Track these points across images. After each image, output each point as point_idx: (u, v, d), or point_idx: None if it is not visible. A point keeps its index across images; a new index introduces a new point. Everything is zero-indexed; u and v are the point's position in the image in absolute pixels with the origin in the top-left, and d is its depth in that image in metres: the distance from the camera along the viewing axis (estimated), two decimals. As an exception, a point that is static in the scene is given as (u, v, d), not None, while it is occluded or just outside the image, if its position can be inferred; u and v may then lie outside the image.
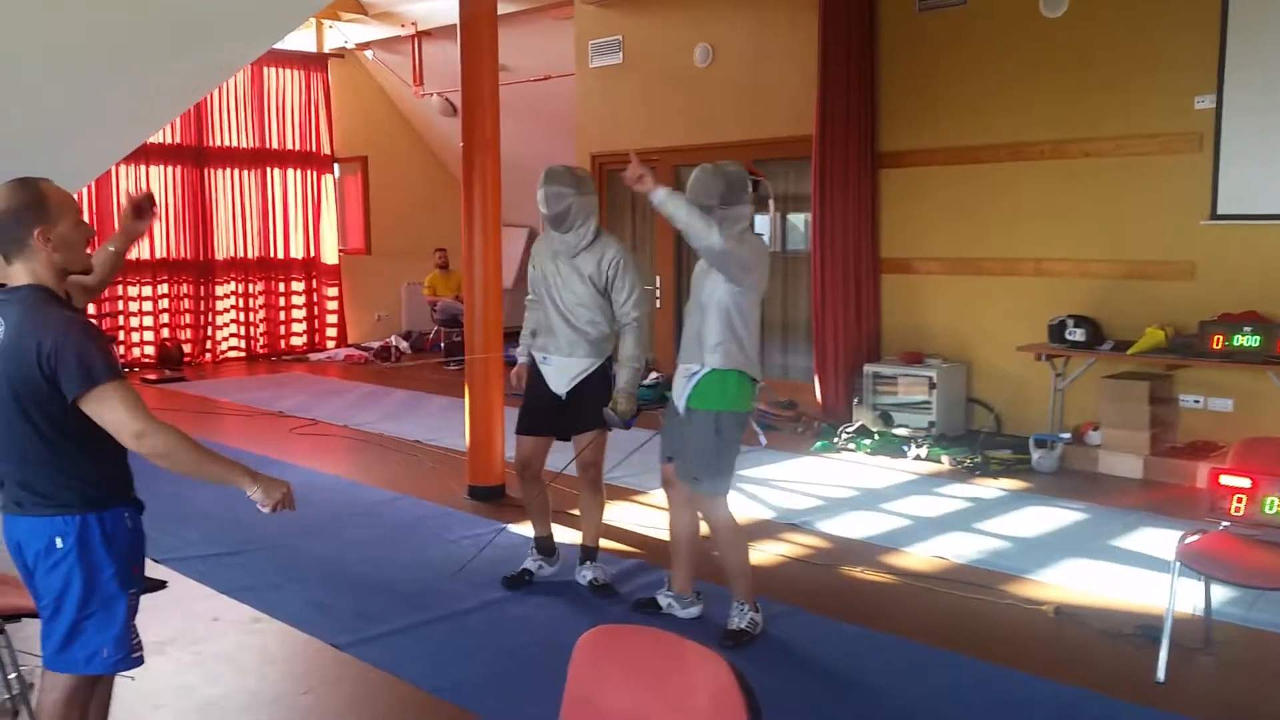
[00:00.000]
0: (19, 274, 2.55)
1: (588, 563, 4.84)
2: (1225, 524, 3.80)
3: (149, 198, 3.21)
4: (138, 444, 2.46)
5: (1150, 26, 6.84)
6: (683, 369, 4.17)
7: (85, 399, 2.43)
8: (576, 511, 5.00)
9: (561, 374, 4.57)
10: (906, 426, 7.59)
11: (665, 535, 5.53)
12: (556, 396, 4.59)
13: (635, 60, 9.88)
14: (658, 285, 10.06)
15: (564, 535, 5.55)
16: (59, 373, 2.43)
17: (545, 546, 4.92)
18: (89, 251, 2.69)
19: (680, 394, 4.15)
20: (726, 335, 4.04)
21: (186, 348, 12.39)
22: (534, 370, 4.70)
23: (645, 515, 5.94)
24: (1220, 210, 6.61)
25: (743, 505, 6.11)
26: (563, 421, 4.65)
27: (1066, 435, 6.96)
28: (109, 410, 2.45)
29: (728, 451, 4.09)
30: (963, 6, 7.67)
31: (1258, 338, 6.14)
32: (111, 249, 3.17)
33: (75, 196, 2.71)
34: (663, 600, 4.41)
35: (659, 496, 6.28)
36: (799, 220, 9.08)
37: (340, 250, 13.58)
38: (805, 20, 8.26)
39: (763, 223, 9.36)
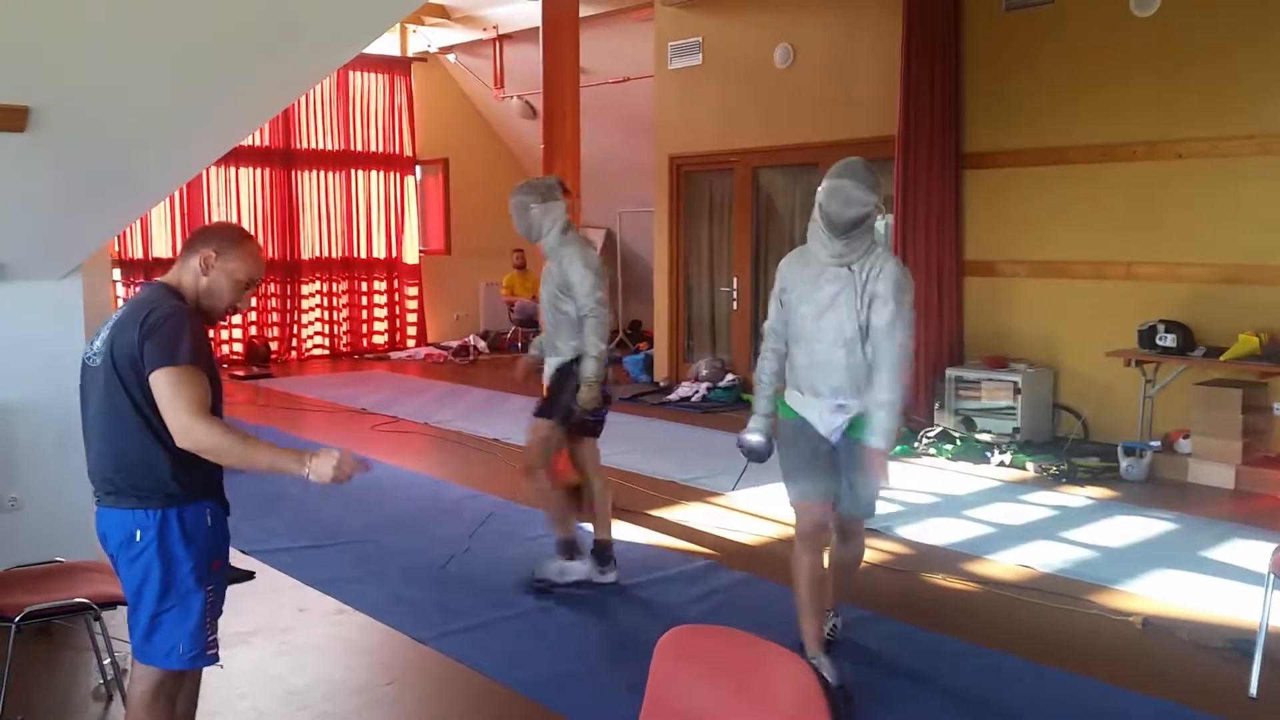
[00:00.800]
0: (171, 274, 2.70)
1: (587, 561, 4.80)
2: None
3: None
4: (182, 438, 2.48)
5: (1243, 26, 6.63)
6: (830, 402, 3.74)
7: (156, 374, 2.47)
8: (667, 513, 4.98)
9: (548, 371, 4.75)
10: (990, 432, 7.46)
11: (739, 537, 5.54)
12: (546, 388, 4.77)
13: (715, 61, 9.87)
14: (734, 287, 10.03)
15: (640, 535, 5.57)
16: (147, 345, 2.49)
17: (569, 548, 4.81)
18: (231, 314, 2.78)
19: (831, 426, 3.76)
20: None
21: (273, 345, 12.69)
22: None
23: (720, 517, 5.93)
24: (1320, 213, 6.39)
25: (820, 509, 6.06)
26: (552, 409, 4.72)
27: (1156, 443, 6.78)
28: (167, 392, 2.47)
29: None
30: (1050, 6, 7.52)
31: (1360, 345, 5.91)
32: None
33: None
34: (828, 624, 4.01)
35: (734, 498, 6.28)
36: (880, 222, 8.96)
37: (421, 250, 13.80)
38: (888, 20, 8.17)
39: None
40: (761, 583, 4.86)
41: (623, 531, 5.65)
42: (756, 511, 6.03)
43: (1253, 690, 3.63)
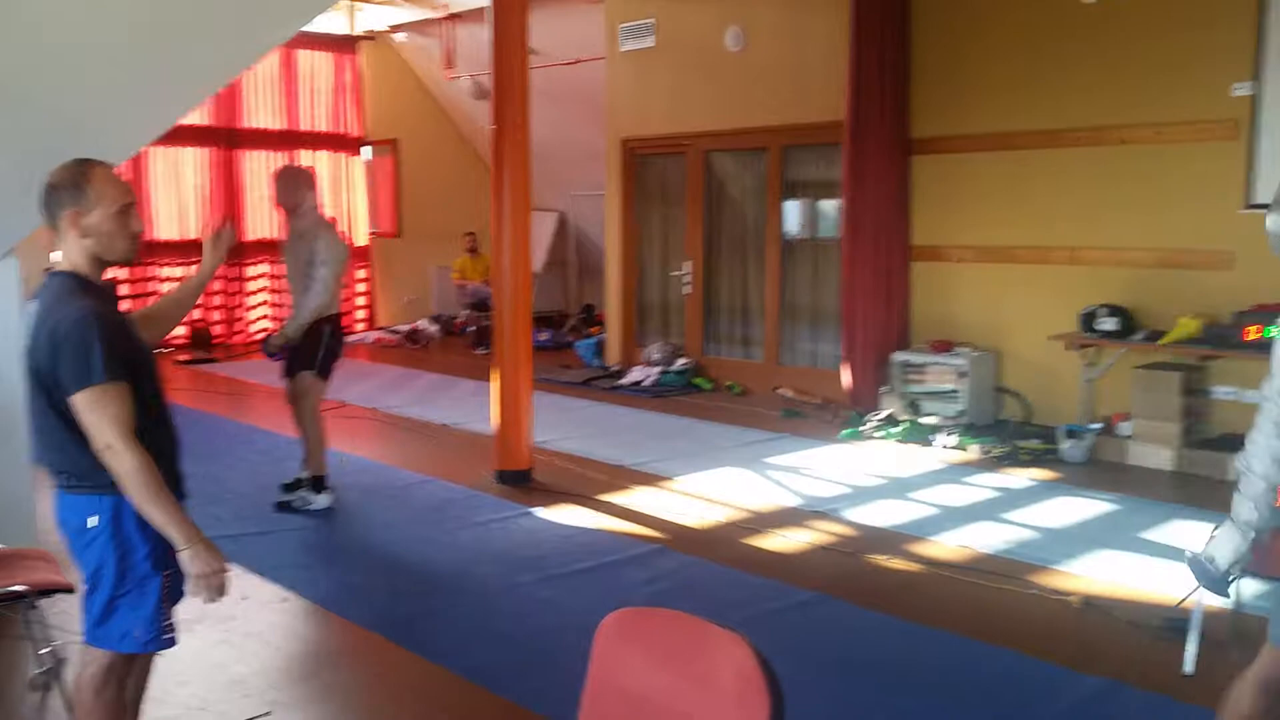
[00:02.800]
0: (61, 258, 2.57)
1: (293, 490, 5.72)
2: (1257, 517, 3.75)
3: (229, 228, 3.09)
4: (103, 455, 2.43)
5: (1188, 13, 6.73)
6: None
7: (75, 397, 2.42)
8: (618, 497, 5.02)
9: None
10: (935, 415, 7.55)
11: (688, 520, 5.57)
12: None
13: (666, 44, 9.85)
14: (686, 269, 10.04)
15: (590, 519, 5.58)
16: (60, 364, 2.42)
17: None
18: (134, 246, 2.60)
19: None
20: None
21: (217, 329, 12.51)
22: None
23: (670, 501, 5.95)
24: (1256, 199, 6.51)
25: (768, 492, 6.12)
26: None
27: (1097, 425, 6.90)
28: (88, 415, 2.41)
29: None
30: (998, -9, 7.59)
31: (1294, 329, 6.05)
32: (194, 283, 3.05)
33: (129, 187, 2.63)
34: None
35: (684, 483, 6.31)
36: (829, 206, 9.03)
37: (370, 233, 13.65)
38: (838, 5, 8.19)
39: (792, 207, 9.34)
40: (709, 566, 4.89)
41: (572, 516, 5.66)
42: (704, 495, 6.06)
43: (1188, 667, 3.72)
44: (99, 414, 2.41)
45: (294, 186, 5.68)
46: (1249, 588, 4.13)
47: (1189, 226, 6.81)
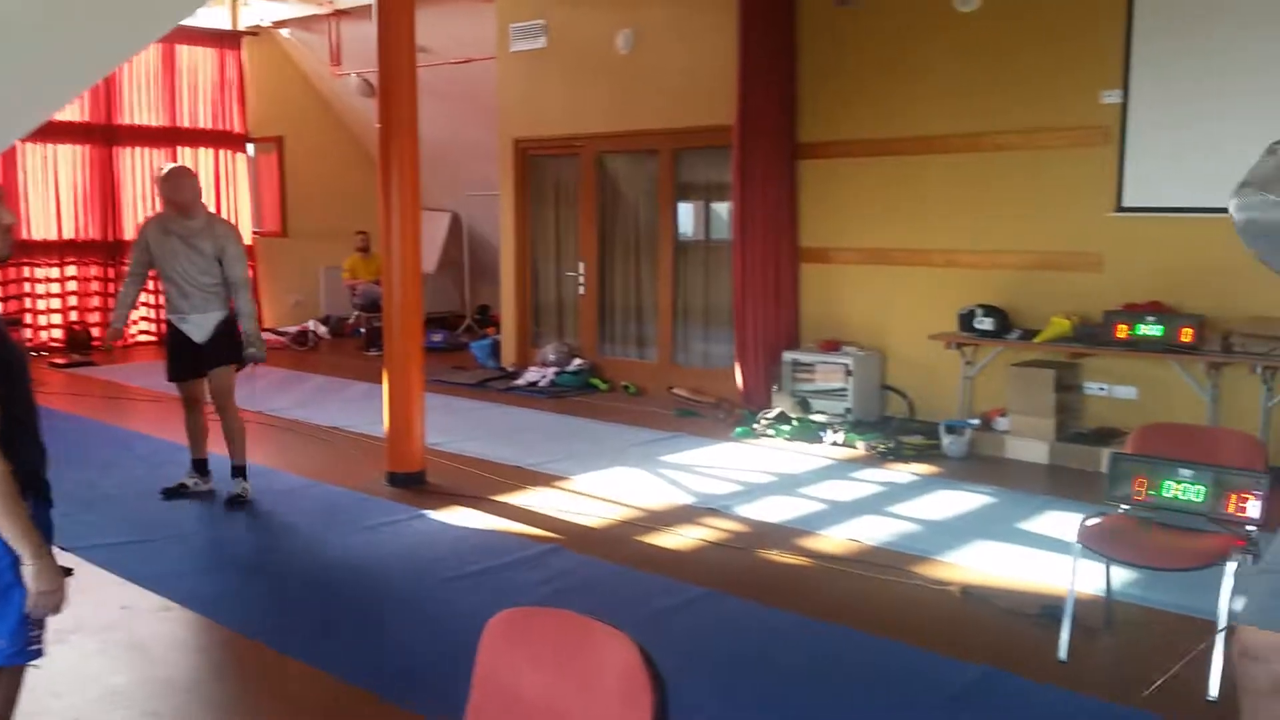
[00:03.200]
0: None
1: (238, 479, 5.83)
2: (1125, 507, 3.93)
3: None
4: None
5: (1060, 21, 7.01)
6: None
7: None
8: (512, 498, 4.99)
9: (202, 327, 5.72)
10: (824, 413, 7.71)
11: (582, 520, 5.58)
12: (197, 345, 5.73)
13: (558, 45, 9.84)
14: (581, 271, 10.06)
15: (484, 521, 5.55)
16: None
17: (202, 468, 5.98)
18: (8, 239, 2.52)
19: None
20: None
21: (95, 331, 12.05)
22: (171, 330, 5.82)
23: (565, 501, 5.95)
24: (1125, 203, 6.82)
25: (662, 491, 6.17)
26: (202, 362, 5.78)
27: (975, 421, 7.13)
28: None
29: None
30: (880, 0, 7.78)
31: (1160, 327, 6.35)
32: None
33: None
34: None
35: (579, 483, 6.32)
36: (721, 209, 9.14)
37: (255, 232, 13.31)
38: (727, 9, 8.29)
39: (685, 211, 9.43)
40: (604, 565, 4.91)
41: (466, 517, 5.62)
42: (599, 495, 6.08)
43: (1062, 654, 3.86)
44: None
45: (190, 185, 5.67)
46: (1120, 575, 4.33)
47: (1061, 230, 7.08)
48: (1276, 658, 2.45)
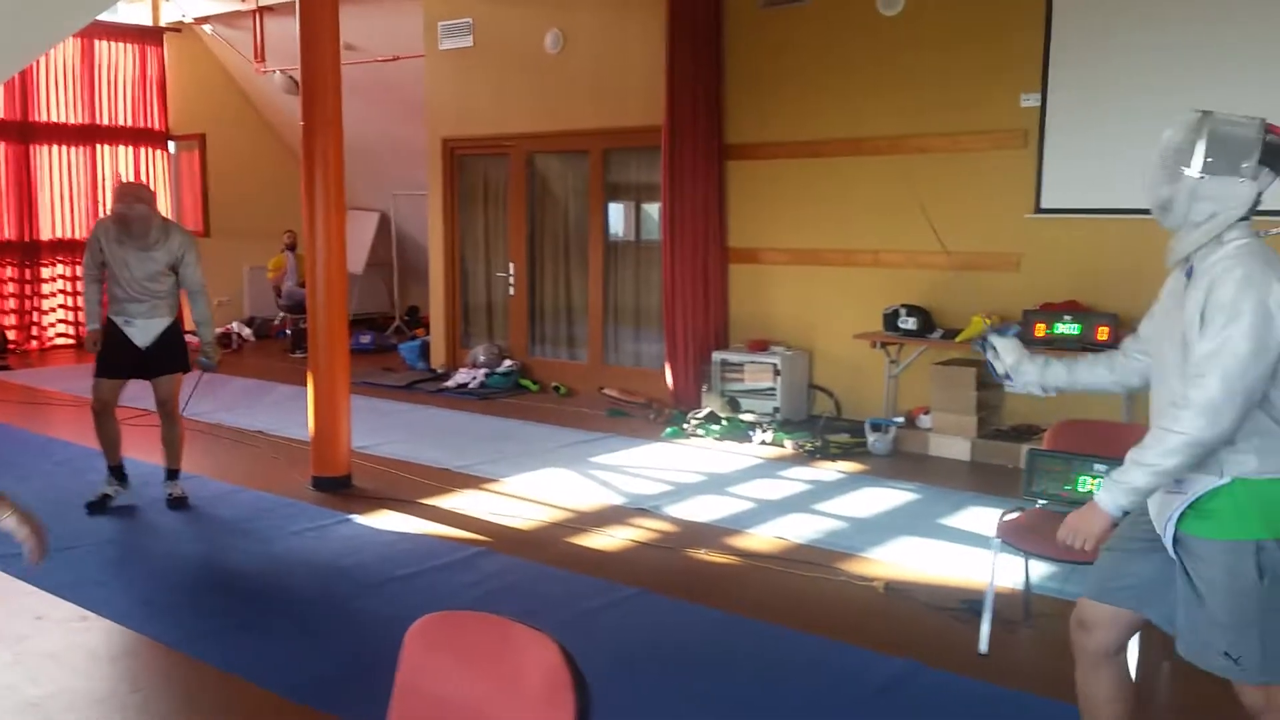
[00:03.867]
0: None
1: (171, 481, 5.84)
2: (1042, 502, 4.03)
3: None
4: None
5: (980, 26, 7.15)
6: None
7: None
8: (441, 501, 4.96)
9: (146, 332, 5.67)
10: (753, 412, 7.78)
11: (512, 522, 5.57)
12: (138, 349, 5.67)
13: (486, 44, 9.79)
14: (510, 273, 10.02)
15: (412, 525, 5.51)
16: None
17: (120, 474, 5.83)
18: None
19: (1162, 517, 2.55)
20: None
21: (11, 334, 11.72)
22: (112, 328, 5.69)
23: (494, 503, 5.93)
24: (1044, 204, 6.99)
25: (592, 492, 6.17)
26: (146, 367, 5.73)
27: (899, 419, 7.25)
28: None
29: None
30: (804, 3, 7.87)
31: (1078, 326, 6.51)
32: None
33: None
34: None
35: (509, 485, 6.30)
36: (652, 209, 9.17)
37: (178, 232, 13.05)
38: (654, 9, 8.33)
39: (616, 211, 9.45)
40: (532, 566, 4.91)
41: (393, 521, 5.57)
42: (528, 496, 6.07)
43: (983, 647, 3.95)
44: None
45: (141, 208, 5.53)
46: (1038, 569, 4.43)
47: (982, 231, 7.23)
48: (1103, 630, 2.67)
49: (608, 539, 5.30)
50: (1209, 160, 2.38)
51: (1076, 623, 2.74)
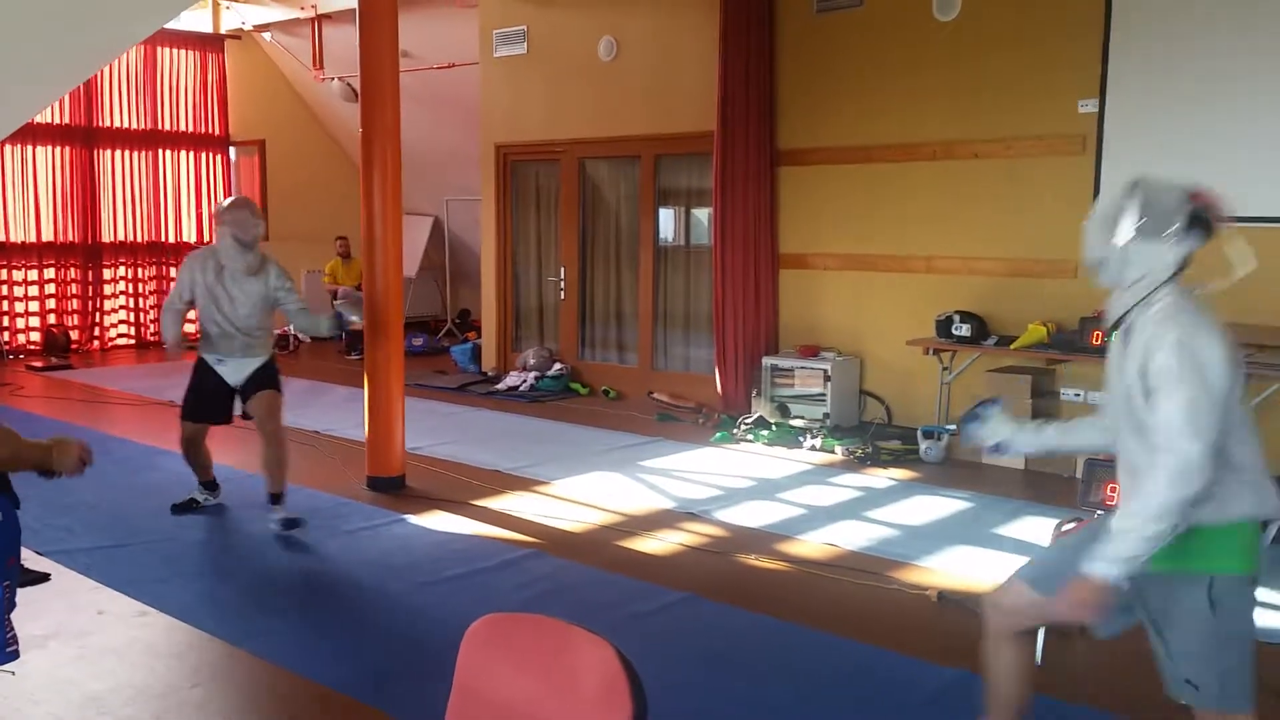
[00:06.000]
0: None
1: (277, 506, 5.43)
2: (1099, 512, 3.98)
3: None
4: None
5: (1038, 31, 7.08)
6: None
7: None
8: (492, 502, 5.02)
9: (239, 370, 5.45)
10: (802, 418, 7.76)
11: (562, 524, 5.61)
12: (229, 387, 5.46)
13: (540, 51, 9.87)
14: (562, 275, 10.08)
15: (464, 525, 5.56)
16: None
17: (212, 485, 5.78)
18: None
19: None
20: None
21: (74, 334, 12.00)
22: (202, 366, 5.48)
23: (544, 505, 5.97)
24: (1101, 211, 6.88)
25: (642, 495, 6.19)
26: (233, 404, 5.52)
27: (952, 427, 7.18)
28: None
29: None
30: (859, 8, 7.84)
31: (1134, 334, 6.40)
32: None
33: None
34: None
35: (559, 487, 6.34)
36: (702, 215, 9.18)
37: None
38: (707, 17, 8.34)
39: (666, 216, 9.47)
40: (582, 569, 4.93)
41: (446, 522, 5.63)
42: (578, 499, 6.10)
43: (1037, 658, 3.90)
44: None
45: (256, 223, 5.47)
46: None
47: (1038, 236, 7.15)
48: (1015, 615, 2.89)
49: (657, 543, 5.31)
50: (1138, 226, 2.53)
51: (999, 600, 2.92)
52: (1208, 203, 2.54)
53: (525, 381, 9.60)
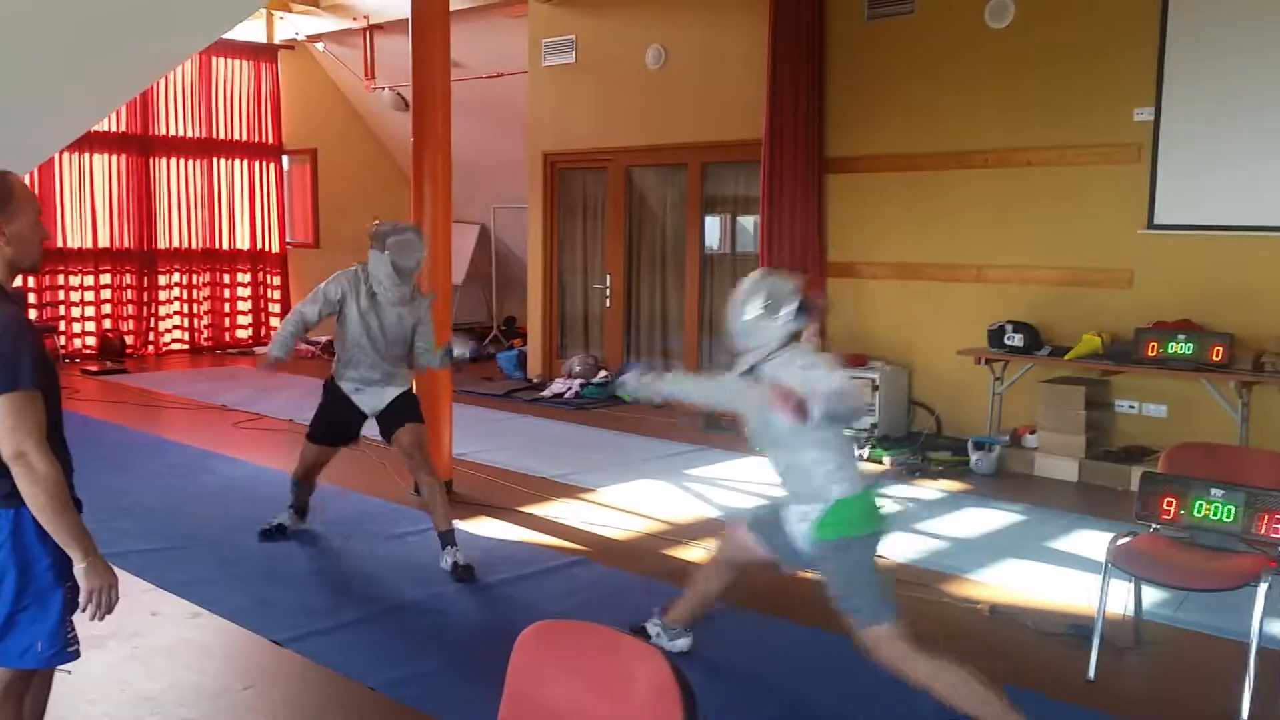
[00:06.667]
0: None
1: (448, 548, 4.95)
2: (1155, 526, 3.91)
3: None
4: (13, 461, 2.39)
5: (1092, 39, 6.99)
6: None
7: None
8: (538, 509, 5.07)
9: (377, 399, 5.14)
10: (850, 427, 7.68)
11: (608, 532, 5.60)
12: (362, 414, 5.18)
13: (588, 60, 9.91)
14: (608, 284, 10.09)
15: (510, 532, 5.58)
16: None
17: (302, 511, 5.54)
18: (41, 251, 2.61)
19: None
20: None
21: (128, 339, 12.21)
22: (337, 393, 5.17)
23: (590, 513, 5.97)
24: (1157, 220, 6.78)
25: (688, 504, 6.17)
26: (360, 427, 5.27)
27: (1004, 438, 7.10)
28: (8, 420, 2.38)
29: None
30: (910, 16, 7.79)
31: (1191, 345, 6.30)
32: None
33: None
34: (651, 629, 4.07)
35: (605, 494, 6.33)
36: (748, 223, 9.16)
37: (288, 243, 13.46)
38: (756, 25, 8.33)
39: (712, 224, 9.46)
40: (629, 577, 4.92)
41: (492, 528, 5.65)
42: (624, 507, 6.09)
43: (1090, 673, 3.84)
44: (17, 420, 2.38)
45: (419, 254, 5.00)
46: (1150, 595, 4.29)
47: (1092, 246, 7.05)
48: (727, 548, 3.89)
49: (703, 551, 5.28)
50: (762, 309, 3.47)
51: (724, 534, 3.96)
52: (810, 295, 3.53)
53: (570, 389, 9.62)
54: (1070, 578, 4.90)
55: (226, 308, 13.12)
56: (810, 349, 3.54)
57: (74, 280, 11.89)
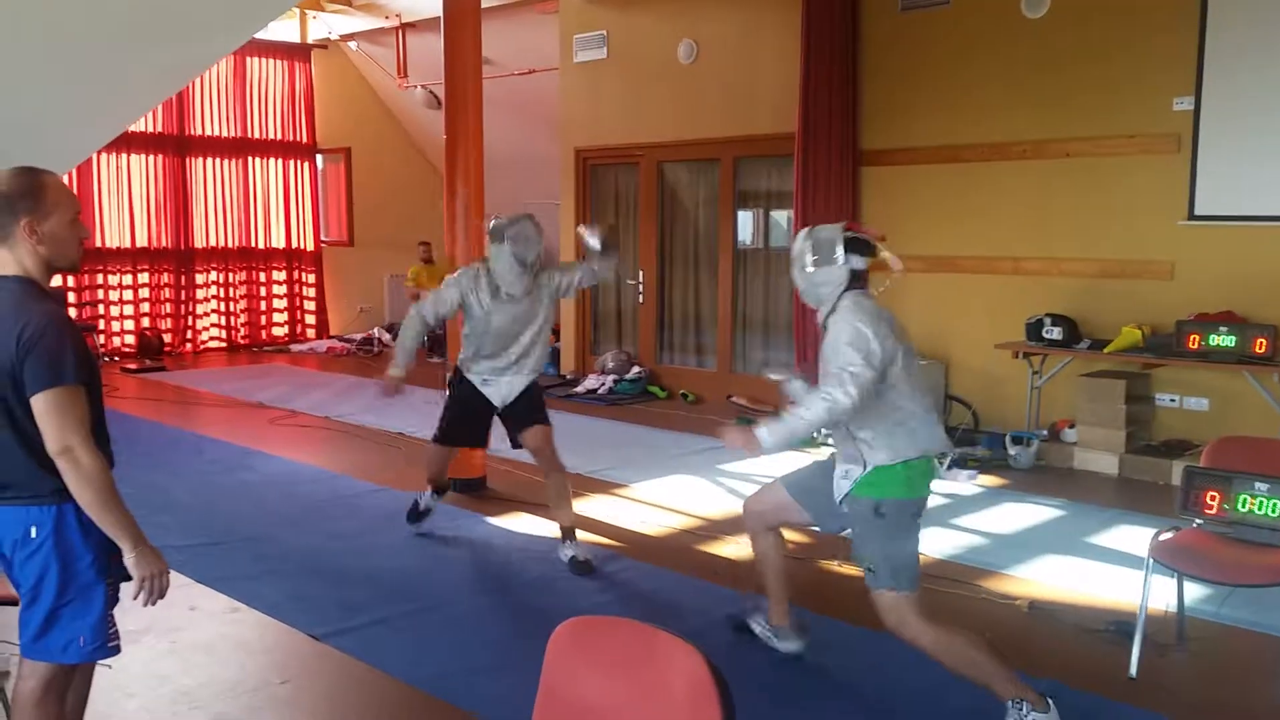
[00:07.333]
0: (6, 262, 2.55)
1: (568, 541, 5.04)
2: (1199, 521, 3.84)
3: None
4: (60, 456, 2.41)
5: (1130, 28, 6.89)
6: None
7: (40, 396, 2.41)
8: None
9: (507, 390, 5.07)
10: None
11: (642, 528, 5.59)
12: (492, 407, 5.10)
13: (620, 55, 9.89)
14: (640, 280, 10.08)
15: (544, 527, 5.58)
16: (28, 364, 2.42)
17: (442, 489, 5.53)
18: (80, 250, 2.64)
19: None
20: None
21: (166, 337, 12.35)
22: (465, 386, 5.10)
23: (623, 508, 5.96)
24: (1198, 211, 6.68)
25: (721, 499, 6.15)
26: (489, 426, 5.28)
27: (1043, 432, 7.01)
28: (54, 416, 2.41)
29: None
30: (945, 6, 7.71)
31: (1233, 338, 6.20)
32: None
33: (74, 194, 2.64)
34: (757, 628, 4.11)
35: (638, 490, 6.33)
36: (781, 217, 9.11)
37: (323, 241, 13.56)
38: (789, 18, 8.28)
39: (745, 219, 9.42)
40: (663, 573, 4.91)
41: (526, 524, 5.65)
42: (657, 502, 6.08)
43: (1132, 670, 3.78)
44: (63, 415, 2.41)
45: (539, 243, 4.93)
46: (1192, 591, 4.23)
47: (1131, 238, 6.95)
48: (762, 516, 3.98)
49: (737, 548, 5.26)
50: (814, 258, 3.48)
51: (747, 507, 4.07)
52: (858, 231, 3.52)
53: (604, 384, 9.61)
54: (1110, 574, 4.84)
55: (262, 305, 13.23)
56: (867, 299, 3.52)
57: (113, 279, 12.03)
